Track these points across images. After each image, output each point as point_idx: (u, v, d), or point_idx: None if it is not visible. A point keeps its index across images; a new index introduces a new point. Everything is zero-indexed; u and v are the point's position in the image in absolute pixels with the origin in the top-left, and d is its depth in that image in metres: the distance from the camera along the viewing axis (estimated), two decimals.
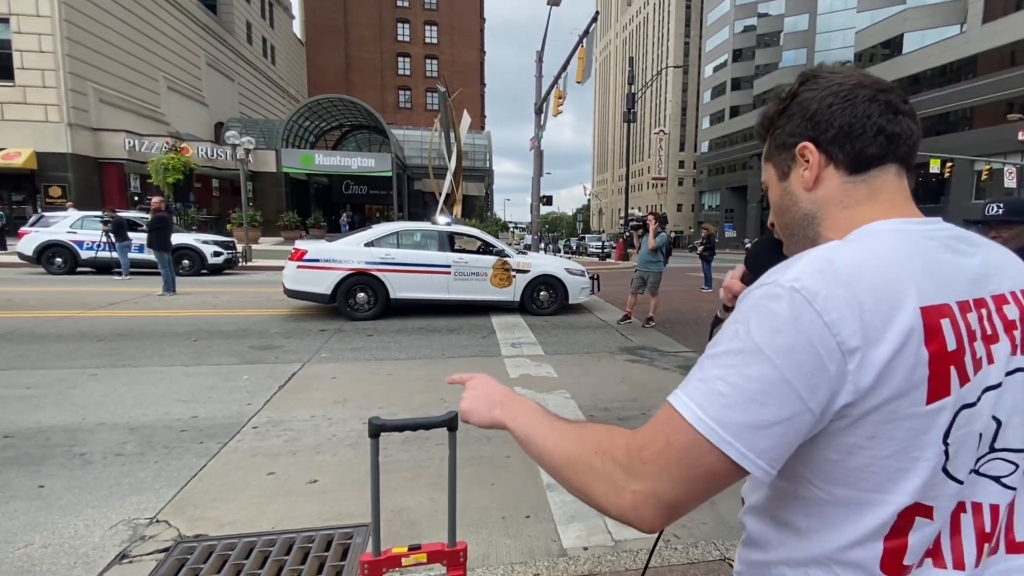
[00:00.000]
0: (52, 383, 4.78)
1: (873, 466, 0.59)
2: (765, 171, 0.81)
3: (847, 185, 0.70)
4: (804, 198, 0.73)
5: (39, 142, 20.84)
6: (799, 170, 0.73)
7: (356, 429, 3.91)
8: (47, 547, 2.48)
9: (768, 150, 0.79)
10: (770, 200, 0.81)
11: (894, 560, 0.61)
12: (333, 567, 2.38)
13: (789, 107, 0.74)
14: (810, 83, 0.73)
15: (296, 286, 8.17)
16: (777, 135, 0.76)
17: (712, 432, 0.58)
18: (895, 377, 0.56)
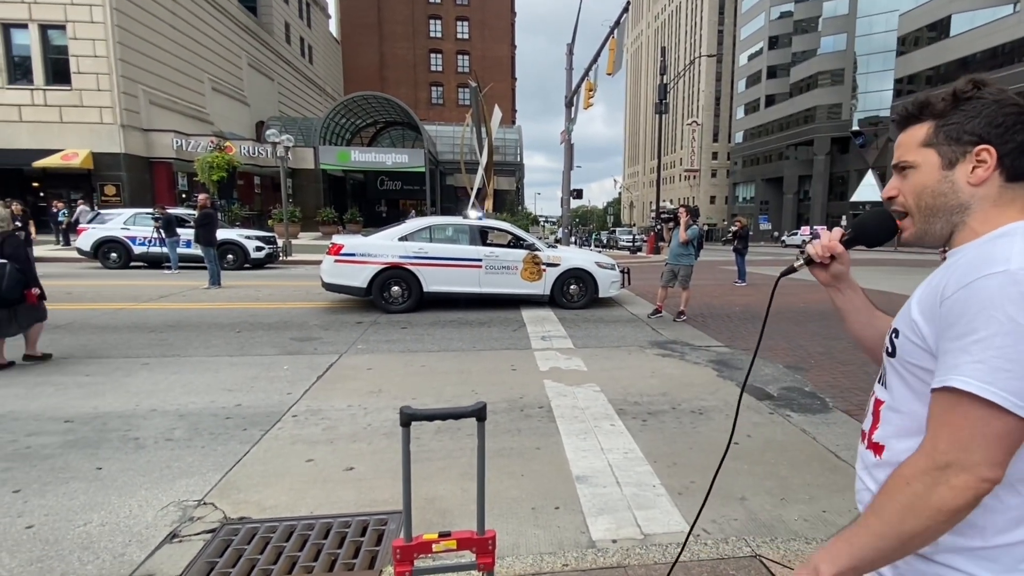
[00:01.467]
0: (108, 371, 5.06)
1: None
2: (917, 153, 0.90)
3: (1003, 189, 0.84)
4: (966, 190, 0.85)
5: (95, 143, 21.93)
6: (967, 165, 0.85)
7: (391, 419, 4.02)
8: (104, 525, 2.65)
9: (930, 136, 0.88)
10: (914, 180, 0.90)
11: None
12: (368, 552, 2.47)
13: (966, 107, 0.85)
14: (986, 89, 0.85)
15: (333, 280, 8.39)
16: (951, 128, 0.86)
17: (1007, 401, 0.70)
18: None
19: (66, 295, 9.24)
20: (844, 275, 1.12)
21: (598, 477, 3.19)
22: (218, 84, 28.97)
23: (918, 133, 0.90)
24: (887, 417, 0.90)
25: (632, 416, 4.19)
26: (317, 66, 45.69)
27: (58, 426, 3.79)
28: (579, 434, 3.81)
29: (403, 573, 1.36)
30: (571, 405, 4.39)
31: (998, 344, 0.71)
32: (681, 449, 3.63)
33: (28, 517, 2.69)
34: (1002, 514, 0.78)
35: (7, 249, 5.07)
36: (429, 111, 49.75)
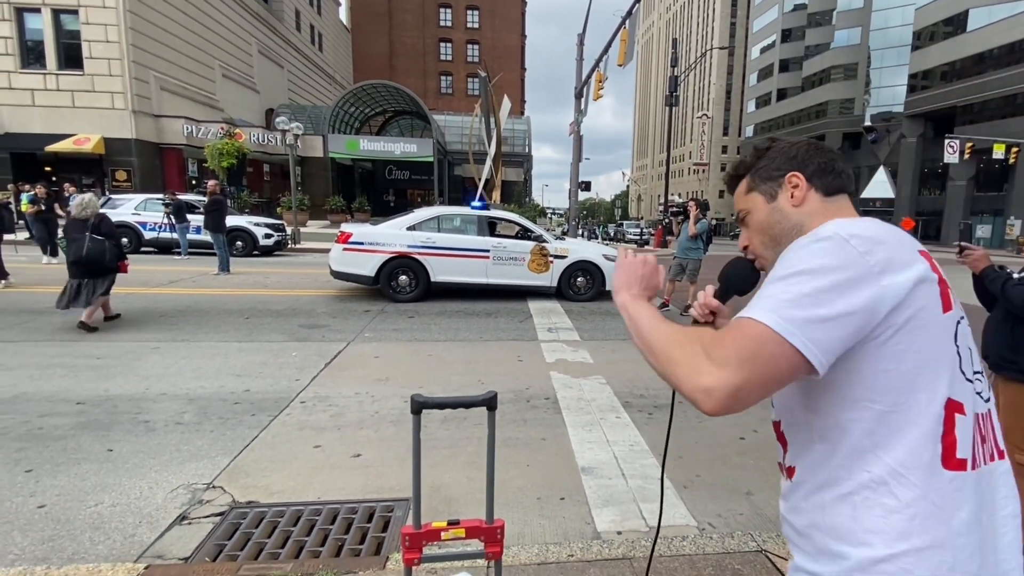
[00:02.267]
0: (119, 355, 5.11)
1: (918, 368, 0.76)
2: (747, 201, 1.02)
3: (825, 203, 0.95)
4: (793, 212, 0.96)
5: (106, 128, 22.00)
6: (786, 193, 0.97)
7: (397, 407, 4.04)
8: (115, 506, 2.68)
9: (750, 184, 1.02)
10: (753, 222, 1.02)
11: (950, 455, 0.76)
12: (375, 538, 2.49)
13: (767, 154, 1.01)
14: (779, 142, 1.02)
15: (341, 268, 8.41)
16: (761, 172, 1.00)
17: (780, 326, 0.73)
18: (920, 292, 0.76)
19: None
20: None
21: (603, 469, 3.20)
22: (228, 71, 28.96)
23: (742, 187, 1.04)
24: (791, 434, 0.91)
25: (638, 409, 4.19)
26: (327, 54, 45.56)
27: (70, 408, 3.84)
28: (585, 426, 3.81)
29: (412, 560, 1.37)
30: (577, 397, 4.40)
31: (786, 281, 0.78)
32: (687, 443, 3.62)
33: (40, 497, 2.73)
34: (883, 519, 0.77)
35: (103, 228, 6.09)
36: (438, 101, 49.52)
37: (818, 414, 0.83)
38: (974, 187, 39.02)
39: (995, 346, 2.42)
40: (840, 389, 0.79)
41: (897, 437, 0.76)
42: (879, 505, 0.77)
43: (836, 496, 0.80)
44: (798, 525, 0.87)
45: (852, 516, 0.78)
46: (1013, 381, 2.35)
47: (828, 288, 0.74)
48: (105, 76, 21.86)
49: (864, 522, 0.77)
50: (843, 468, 0.80)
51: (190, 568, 2.21)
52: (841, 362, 0.77)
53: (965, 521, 0.76)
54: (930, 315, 0.77)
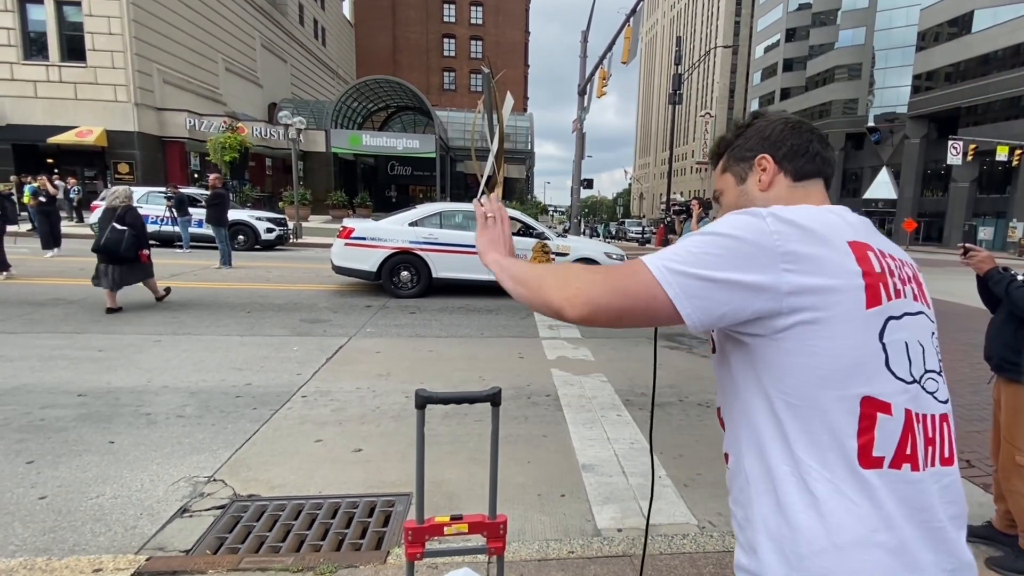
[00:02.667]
0: (121, 347, 5.12)
1: (833, 363, 0.74)
2: (721, 181, 1.03)
3: (791, 189, 0.93)
4: (759, 197, 0.94)
5: (109, 120, 21.98)
6: (755, 176, 0.95)
7: (399, 402, 4.04)
8: (116, 498, 2.69)
9: (724, 164, 1.01)
10: (724, 202, 1.02)
11: (866, 453, 0.74)
12: (375, 532, 2.49)
13: (746, 132, 0.98)
14: (761, 118, 0.98)
15: (343, 263, 8.41)
16: (735, 151, 0.99)
17: (658, 271, 0.77)
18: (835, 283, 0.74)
19: (79, 271, 9.32)
20: None
21: (604, 466, 3.20)
22: (231, 64, 28.90)
23: (719, 166, 1.04)
24: (726, 420, 0.90)
25: (639, 407, 4.18)
26: (330, 48, 45.45)
27: (71, 399, 3.85)
28: (586, 423, 3.81)
29: (415, 554, 1.37)
30: (578, 394, 4.40)
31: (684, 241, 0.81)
32: (687, 441, 3.63)
33: (41, 488, 2.73)
34: None
35: (128, 219, 6.52)
36: (441, 97, 49.41)
37: (743, 402, 0.83)
38: (977, 189, 38.93)
39: (998, 348, 2.41)
40: (752, 379, 0.80)
41: (808, 432, 0.75)
42: (799, 500, 0.75)
43: (762, 491, 0.79)
44: (738, 517, 0.86)
45: (776, 511, 0.77)
46: (1015, 383, 2.34)
47: (721, 253, 0.75)
48: (108, 68, 21.83)
49: (787, 517, 0.76)
50: (764, 460, 0.79)
51: (191, 560, 2.21)
52: (746, 349, 0.80)
53: (888, 521, 0.73)
54: (845, 311, 0.74)
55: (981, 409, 4.41)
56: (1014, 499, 2.38)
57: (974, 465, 3.45)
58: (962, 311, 9.28)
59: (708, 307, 0.75)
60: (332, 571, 2.13)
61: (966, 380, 5.24)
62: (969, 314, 8.84)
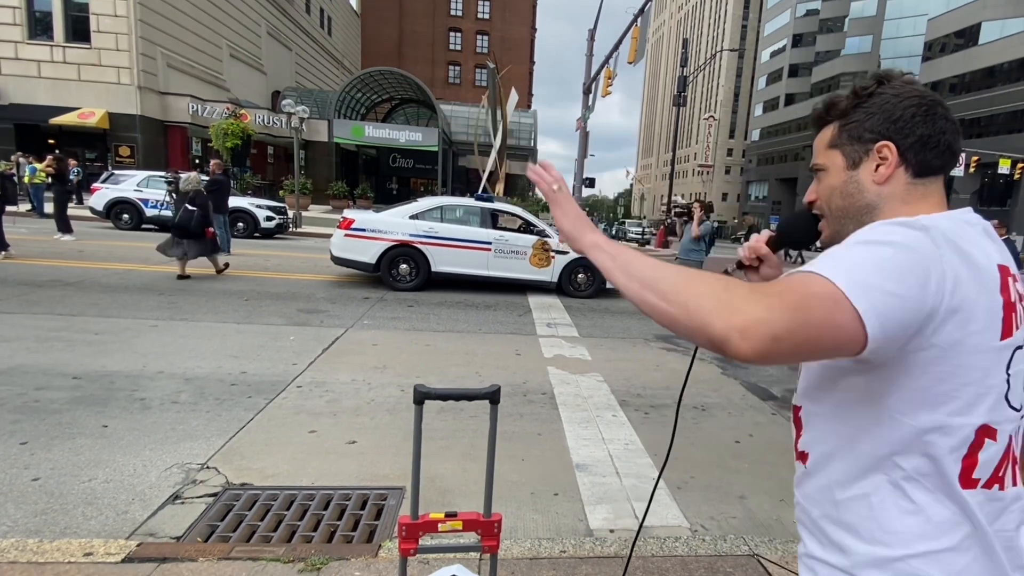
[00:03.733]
0: (118, 331, 5.10)
1: (957, 391, 0.72)
2: (826, 156, 0.89)
3: (910, 187, 0.82)
4: (872, 190, 0.84)
5: (111, 103, 21.87)
6: (871, 164, 0.83)
7: (394, 395, 4.04)
8: (109, 482, 2.68)
9: (834, 138, 0.87)
10: (825, 182, 0.89)
11: (968, 474, 0.74)
12: (367, 525, 2.49)
13: (868, 104, 0.84)
14: (888, 86, 0.83)
15: (342, 254, 8.39)
16: (852, 127, 0.85)
17: (848, 285, 0.65)
18: (979, 311, 0.71)
19: (78, 253, 9.29)
20: (774, 277, 1.08)
21: (598, 466, 3.20)
22: (236, 51, 28.75)
23: (826, 135, 0.89)
24: (809, 422, 0.87)
25: (634, 408, 4.19)
26: (335, 38, 45.24)
27: (66, 382, 3.83)
28: (581, 422, 3.81)
29: (408, 550, 1.36)
30: (574, 393, 4.40)
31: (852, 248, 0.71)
32: (682, 444, 3.63)
33: (34, 470, 2.72)
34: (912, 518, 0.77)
35: (198, 200, 7.71)
36: (445, 90, 49.26)
37: (843, 410, 0.80)
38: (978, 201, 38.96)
39: None
40: (865, 391, 0.76)
41: (915, 447, 0.74)
42: (896, 507, 0.76)
43: (852, 495, 0.79)
44: (813, 514, 0.86)
45: (868, 515, 0.78)
46: None
47: (899, 265, 0.67)
48: (112, 51, 21.70)
49: (880, 521, 0.77)
50: (861, 468, 0.78)
51: (182, 547, 2.20)
52: (867, 363, 0.73)
53: (975, 536, 0.75)
54: (981, 342, 0.71)
55: None
56: None
57: None
58: None
59: (891, 327, 0.66)
60: (323, 563, 2.13)
61: None
62: None
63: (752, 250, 1.05)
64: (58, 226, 10.88)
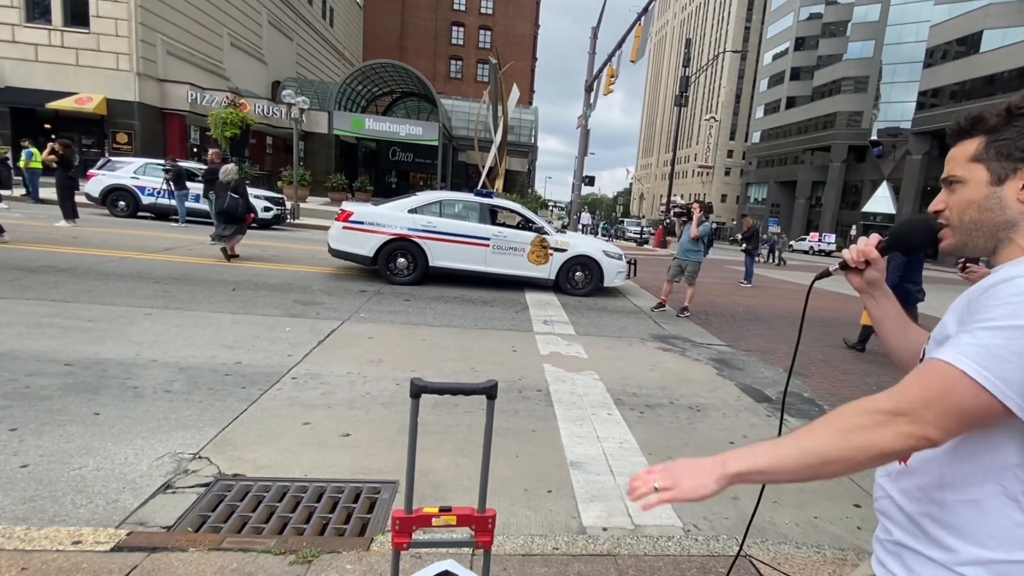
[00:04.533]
0: (111, 319, 5.06)
1: None
2: (966, 168, 0.90)
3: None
4: (1015, 207, 0.86)
5: (109, 89, 21.71)
6: (1017, 182, 0.85)
7: (389, 389, 4.02)
8: (99, 471, 2.65)
9: (980, 152, 0.88)
10: (961, 194, 0.91)
11: None
12: (360, 518, 2.47)
13: (1020, 123, 0.85)
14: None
15: (340, 246, 8.35)
16: (1003, 143, 0.86)
17: (995, 387, 0.71)
18: None
19: (72, 239, 9.22)
20: (878, 281, 1.12)
21: (592, 464, 3.19)
22: (237, 40, 28.57)
23: (968, 148, 0.90)
24: None
25: (630, 407, 4.18)
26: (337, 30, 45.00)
27: (58, 368, 3.80)
28: (575, 420, 3.80)
29: (401, 544, 1.35)
30: (569, 391, 4.39)
31: (1007, 334, 0.72)
32: (676, 444, 3.63)
33: (23, 456, 2.69)
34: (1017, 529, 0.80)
35: (240, 189, 8.71)
36: (447, 85, 49.09)
37: None
38: None
39: None
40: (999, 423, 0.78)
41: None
42: (1007, 517, 0.79)
43: (961, 499, 0.82)
44: (909, 510, 0.88)
45: (977, 521, 0.80)
46: None
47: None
48: (111, 36, 21.53)
49: (988, 527, 0.80)
50: (978, 475, 0.81)
51: (172, 537, 2.19)
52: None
53: None
54: None
55: None
56: None
57: None
58: None
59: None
60: (315, 555, 2.12)
61: None
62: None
63: (861, 252, 1.07)
64: (63, 213, 10.77)
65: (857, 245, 1.09)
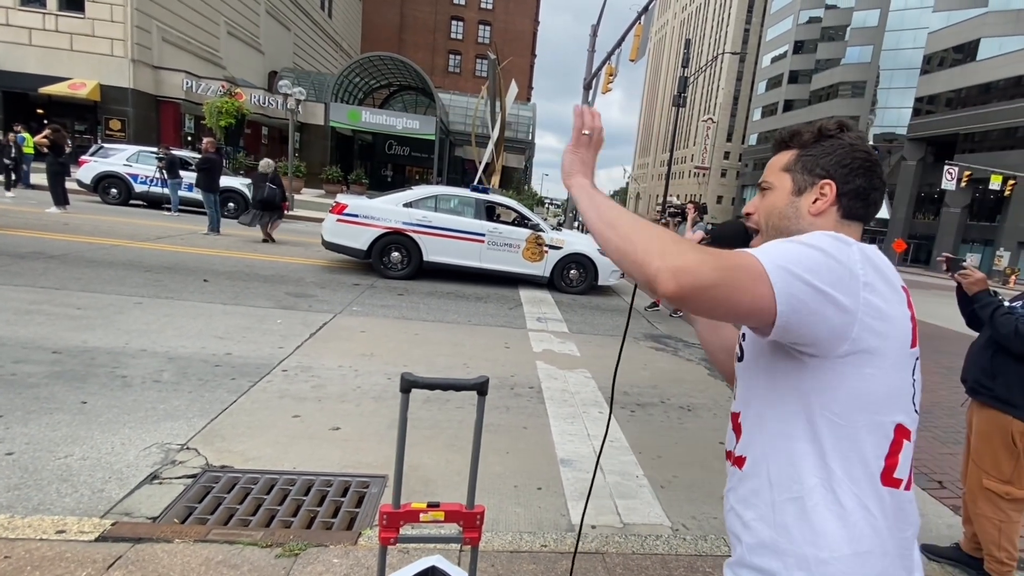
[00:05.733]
0: (101, 307, 5.01)
1: (881, 391, 0.81)
2: (777, 176, 0.99)
3: (838, 224, 0.94)
4: (807, 218, 0.95)
5: (103, 75, 21.45)
6: (812, 196, 0.95)
7: (380, 383, 4.00)
8: (85, 459, 2.63)
9: (790, 164, 0.97)
10: (769, 200, 0.99)
11: (890, 473, 0.83)
12: (348, 512, 2.46)
13: (826, 143, 0.95)
14: (847, 133, 0.96)
15: (334, 239, 8.30)
16: (808, 159, 0.96)
17: (772, 267, 0.75)
18: (895, 320, 0.81)
19: (63, 226, 9.12)
20: None
21: (582, 462, 3.19)
22: (234, 28, 28.29)
23: (783, 158, 0.99)
24: (748, 427, 0.93)
25: (621, 405, 4.19)
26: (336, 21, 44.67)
27: (46, 356, 3.76)
28: (567, 418, 3.81)
29: (388, 539, 1.34)
30: (561, 388, 4.39)
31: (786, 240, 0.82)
32: (667, 443, 3.64)
33: (9, 444, 2.66)
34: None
35: (277, 180, 9.93)
36: (445, 79, 48.86)
37: (779, 414, 0.86)
38: (968, 215, 39.46)
39: (974, 371, 2.44)
40: (803, 396, 0.83)
41: (849, 450, 0.81)
42: (826, 510, 0.81)
43: (787, 497, 0.84)
44: (746, 518, 0.89)
45: (801, 517, 0.83)
46: (987, 407, 2.37)
47: (820, 265, 0.77)
48: (106, 22, 21.26)
49: (811, 524, 0.82)
50: (795, 468, 0.84)
51: (157, 528, 2.17)
52: (800, 367, 0.82)
53: (892, 533, 0.83)
54: (899, 347, 0.82)
55: (956, 432, 4.48)
56: (980, 522, 2.41)
57: (945, 487, 3.50)
58: (946, 335, 9.42)
59: (801, 311, 0.76)
60: (301, 548, 2.11)
61: (943, 403, 5.32)
62: (951, 338, 8.97)
63: None
64: (54, 199, 10.64)
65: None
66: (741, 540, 0.90)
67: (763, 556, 0.85)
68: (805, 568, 0.81)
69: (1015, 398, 2.26)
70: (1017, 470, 2.31)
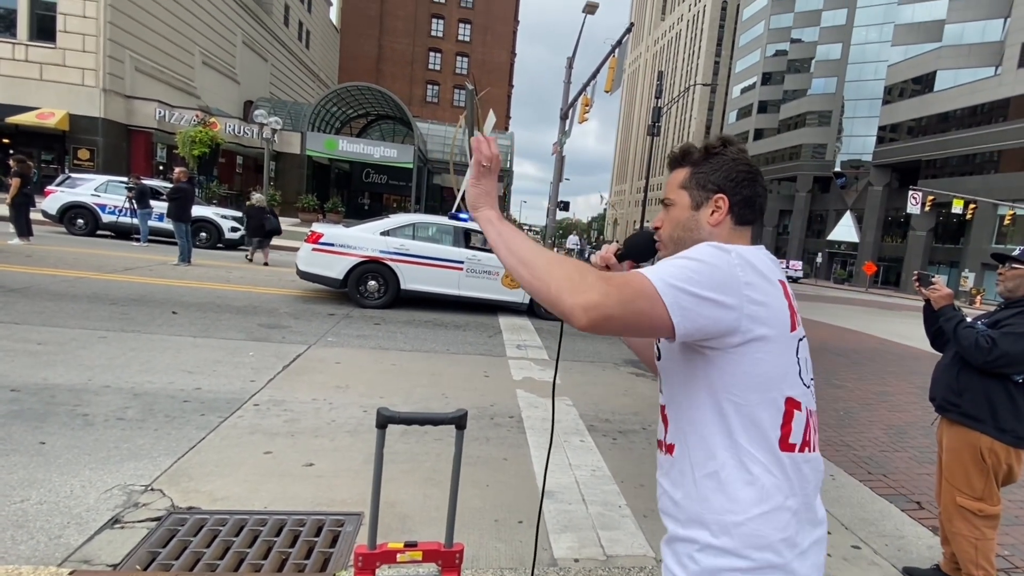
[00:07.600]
0: (63, 342, 4.82)
1: (771, 372, 0.94)
2: (676, 193, 1.11)
3: (733, 231, 1.07)
4: (706, 228, 1.07)
5: (73, 104, 21.17)
6: (708, 209, 1.08)
7: (356, 416, 3.90)
8: (42, 504, 2.49)
9: (686, 182, 1.10)
10: (672, 214, 1.12)
11: (785, 440, 0.96)
12: (321, 553, 2.36)
13: (712, 160, 1.08)
14: (729, 148, 1.08)
15: (309, 268, 8.20)
16: (700, 176, 1.08)
17: (661, 284, 0.87)
18: (774, 309, 0.94)
19: (25, 258, 8.83)
20: None
21: (564, 493, 3.14)
22: (209, 58, 28.32)
23: (679, 176, 1.11)
24: (672, 416, 1.05)
25: (602, 433, 4.16)
26: (313, 52, 45.11)
27: (3, 394, 3.58)
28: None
29: None
30: (542, 417, 4.34)
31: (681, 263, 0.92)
32: (649, 471, 3.60)
33: None
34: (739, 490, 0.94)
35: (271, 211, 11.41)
36: (423, 108, 49.46)
37: (693, 402, 0.99)
38: (933, 238, 41.01)
39: (941, 389, 2.50)
40: (710, 384, 0.96)
41: (750, 425, 0.94)
42: (737, 479, 0.94)
43: (705, 473, 0.97)
44: (676, 497, 1.01)
45: (718, 488, 0.95)
46: (956, 424, 2.41)
47: (703, 275, 0.88)
48: (78, 52, 21.11)
49: (727, 493, 0.94)
50: (708, 447, 0.97)
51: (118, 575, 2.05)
52: (704, 360, 0.95)
53: (795, 491, 0.95)
54: (781, 333, 0.94)
55: (931, 452, 4.55)
56: (956, 541, 2.43)
57: (924, 507, 3.53)
58: (915, 354, 9.65)
59: (693, 319, 0.87)
60: None
61: (918, 423, 5.41)
62: (921, 357, 9.20)
63: (603, 258, 1.27)
64: (17, 230, 10.30)
65: (600, 252, 1.29)
66: (674, 518, 1.02)
67: (692, 528, 0.97)
68: (726, 532, 0.93)
69: (982, 414, 2.31)
70: (988, 486, 2.34)
